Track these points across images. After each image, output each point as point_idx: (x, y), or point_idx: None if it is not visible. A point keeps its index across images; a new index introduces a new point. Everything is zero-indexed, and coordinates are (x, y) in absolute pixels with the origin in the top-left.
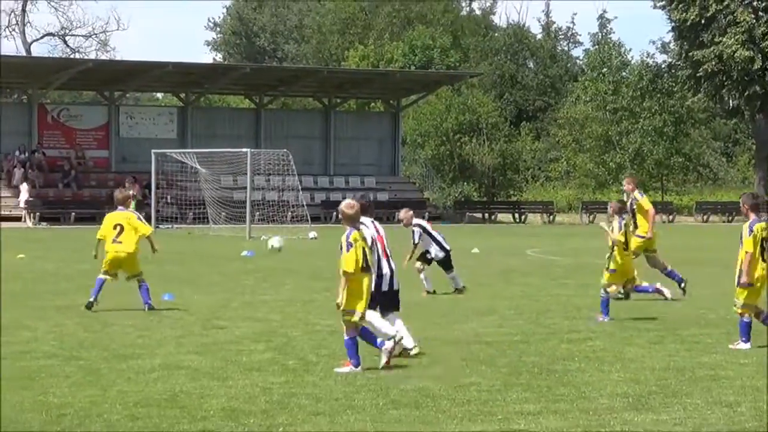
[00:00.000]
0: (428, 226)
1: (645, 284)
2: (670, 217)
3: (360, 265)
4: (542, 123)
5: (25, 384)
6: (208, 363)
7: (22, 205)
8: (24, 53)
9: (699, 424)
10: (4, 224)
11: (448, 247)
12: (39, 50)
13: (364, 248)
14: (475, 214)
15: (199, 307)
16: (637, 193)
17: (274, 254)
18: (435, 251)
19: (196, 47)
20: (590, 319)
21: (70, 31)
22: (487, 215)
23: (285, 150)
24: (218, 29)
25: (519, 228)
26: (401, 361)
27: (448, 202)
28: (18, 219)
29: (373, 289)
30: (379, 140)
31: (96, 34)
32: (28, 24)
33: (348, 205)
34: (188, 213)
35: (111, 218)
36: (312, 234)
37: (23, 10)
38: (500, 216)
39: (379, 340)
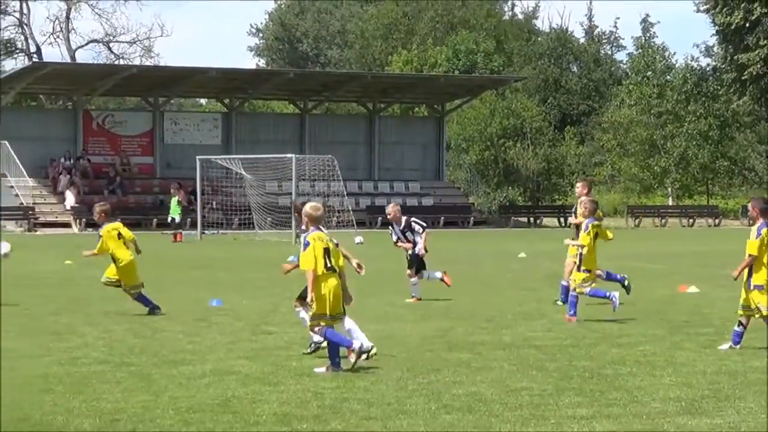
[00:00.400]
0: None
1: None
2: (716, 221)
3: (324, 264)
4: (586, 127)
5: (78, 389)
6: (258, 368)
7: (69, 206)
8: (69, 60)
9: (753, 427)
10: (51, 230)
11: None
12: (83, 57)
13: (327, 248)
14: (520, 219)
15: (247, 312)
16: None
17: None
18: (418, 248)
19: (238, 53)
20: (638, 323)
21: (114, 37)
22: (532, 219)
23: (330, 155)
24: (261, 35)
25: (564, 232)
26: (452, 366)
27: (493, 207)
28: (64, 225)
29: None
30: (423, 145)
31: (140, 41)
32: (73, 31)
33: (313, 207)
34: (234, 219)
35: (111, 230)
36: (358, 239)
37: (67, 17)
38: (545, 220)
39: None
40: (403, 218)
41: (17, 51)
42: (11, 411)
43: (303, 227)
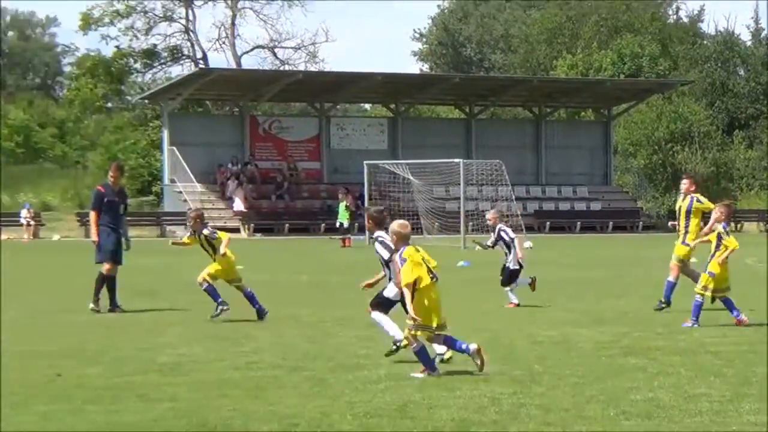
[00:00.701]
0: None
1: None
2: None
3: (429, 276)
4: (755, 131)
5: (255, 394)
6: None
7: (236, 210)
8: (234, 66)
9: None
10: None
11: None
12: (249, 62)
13: (424, 258)
14: None
15: None
16: (700, 196)
17: None
18: (512, 262)
19: (402, 58)
20: None
21: (279, 43)
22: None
23: (498, 160)
24: (424, 40)
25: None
26: (628, 371)
27: (662, 211)
28: (232, 230)
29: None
30: (590, 149)
31: (305, 46)
32: (238, 37)
33: (401, 224)
34: None
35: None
36: (527, 243)
37: (232, 23)
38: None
39: (464, 345)
40: (497, 227)
41: (184, 57)
42: (190, 415)
43: (380, 235)
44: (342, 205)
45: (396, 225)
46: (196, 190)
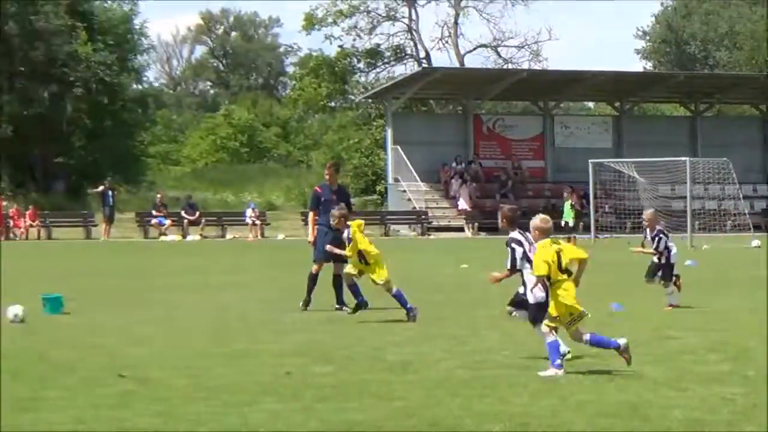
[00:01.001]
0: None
1: None
2: None
3: (558, 268)
4: None
5: (485, 393)
6: (663, 373)
7: (461, 209)
8: (457, 65)
9: None
10: (444, 234)
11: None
12: (471, 61)
13: (558, 253)
14: None
15: (647, 316)
16: None
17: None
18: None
19: (625, 56)
20: None
21: (502, 42)
22: None
23: (725, 159)
24: (647, 38)
25: None
26: None
27: None
28: (456, 230)
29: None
30: None
31: (528, 45)
32: (461, 36)
33: (543, 219)
34: (626, 222)
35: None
36: (755, 242)
37: (455, 23)
38: None
39: (612, 341)
40: (657, 226)
41: (407, 57)
42: (420, 414)
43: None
44: (567, 204)
45: (538, 219)
46: (420, 189)
